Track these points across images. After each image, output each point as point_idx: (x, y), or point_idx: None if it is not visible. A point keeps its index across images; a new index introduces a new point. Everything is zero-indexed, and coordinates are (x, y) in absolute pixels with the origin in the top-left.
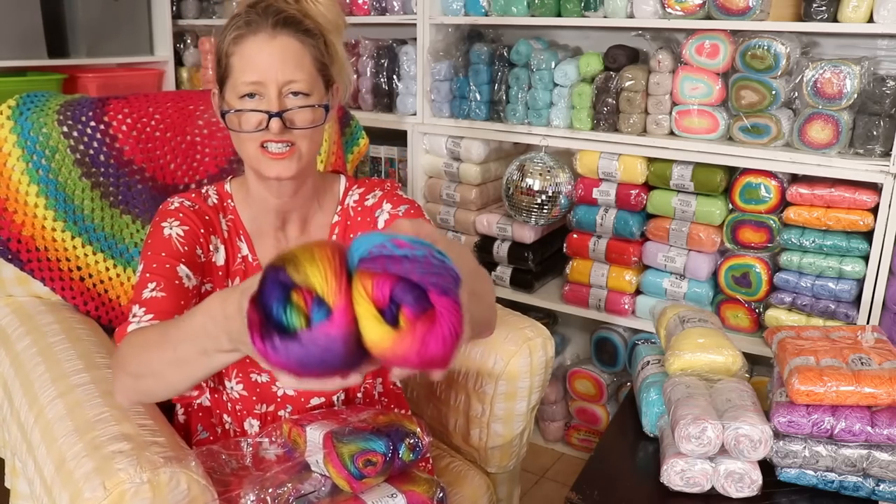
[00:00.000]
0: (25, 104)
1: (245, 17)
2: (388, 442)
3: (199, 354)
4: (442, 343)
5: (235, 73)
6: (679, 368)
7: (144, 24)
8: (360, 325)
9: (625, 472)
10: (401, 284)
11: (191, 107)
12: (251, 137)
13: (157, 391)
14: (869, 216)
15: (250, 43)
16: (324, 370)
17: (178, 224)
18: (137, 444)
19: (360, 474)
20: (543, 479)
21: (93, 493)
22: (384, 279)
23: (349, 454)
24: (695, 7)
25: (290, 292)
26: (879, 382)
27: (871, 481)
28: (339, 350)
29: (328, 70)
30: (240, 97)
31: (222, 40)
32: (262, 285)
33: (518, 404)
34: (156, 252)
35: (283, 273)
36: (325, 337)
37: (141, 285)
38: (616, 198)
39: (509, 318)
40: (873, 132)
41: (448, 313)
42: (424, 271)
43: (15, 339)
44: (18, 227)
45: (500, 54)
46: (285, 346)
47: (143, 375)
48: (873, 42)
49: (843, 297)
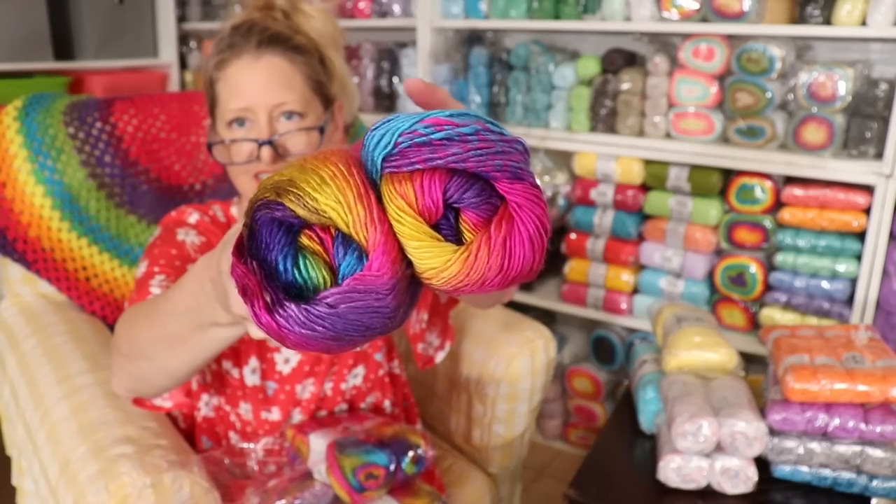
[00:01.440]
0: (32, 105)
1: (228, 40)
2: (390, 455)
3: (193, 330)
4: (530, 246)
5: (221, 100)
6: (676, 367)
7: (149, 27)
8: (409, 251)
9: (622, 468)
10: (455, 180)
11: (196, 108)
12: (244, 170)
13: (152, 377)
14: (862, 217)
15: (234, 67)
16: (366, 336)
17: (196, 234)
18: (141, 447)
19: (361, 487)
20: (542, 475)
21: (96, 497)
22: (430, 179)
23: (351, 467)
24: (691, 11)
25: (297, 235)
26: (872, 380)
27: (864, 477)
28: (387, 306)
29: (325, 88)
30: (228, 125)
31: (207, 67)
32: (251, 231)
33: (519, 405)
34: (165, 249)
35: (280, 210)
36: (363, 290)
37: (147, 276)
38: (614, 199)
39: (511, 319)
40: (866, 134)
41: (528, 203)
42: (482, 153)
43: (21, 339)
44: (25, 228)
45: (499, 57)
46: (307, 315)
47: (135, 357)
48: (867, 45)
49: (836, 296)
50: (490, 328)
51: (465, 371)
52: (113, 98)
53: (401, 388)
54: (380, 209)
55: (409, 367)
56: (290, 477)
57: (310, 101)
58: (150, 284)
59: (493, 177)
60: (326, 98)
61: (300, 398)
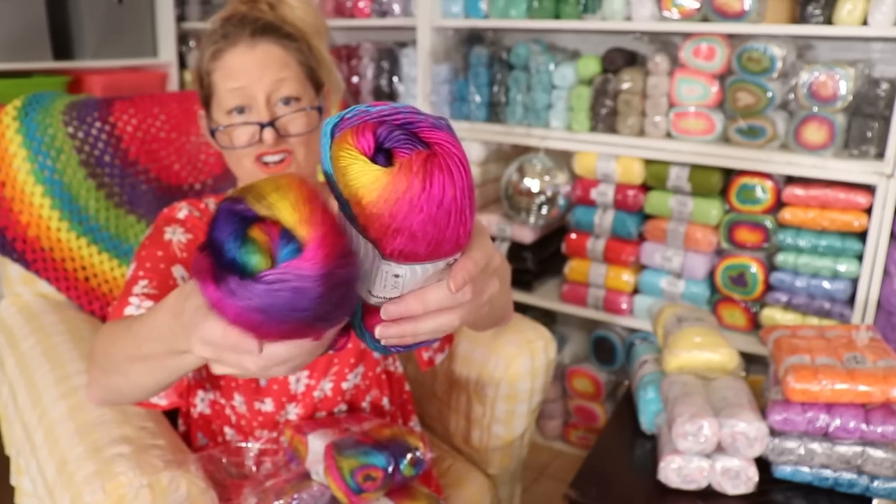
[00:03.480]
0: (31, 105)
1: (221, 31)
2: (388, 456)
3: (166, 354)
4: (451, 179)
5: (219, 88)
6: (676, 367)
7: (148, 26)
8: (345, 173)
9: (622, 469)
10: (384, 127)
11: (195, 107)
12: (246, 153)
13: (127, 391)
14: (863, 217)
15: (230, 55)
16: (294, 321)
17: (183, 231)
18: (138, 447)
19: (358, 489)
20: (542, 476)
21: (93, 497)
22: (364, 128)
23: (349, 468)
24: (692, 10)
25: (247, 226)
26: (873, 381)
27: (865, 478)
28: (314, 292)
29: (316, 73)
30: (227, 112)
31: (201, 59)
32: (213, 217)
33: (519, 406)
34: (151, 251)
35: (240, 205)
36: (295, 275)
37: (132, 281)
38: (614, 198)
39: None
40: (867, 134)
41: (450, 146)
42: (407, 112)
43: (20, 338)
44: (24, 227)
45: (499, 57)
46: (244, 289)
47: (111, 371)
48: (868, 45)
49: (837, 296)
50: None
51: (465, 372)
52: (112, 98)
53: (397, 385)
54: (326, 214)
55: (408, 368)
56: (287, 477)
57: (304, 85)
58: (132, 292)
59: (417, 127)
60: (317, 83)
61: (294, 392)
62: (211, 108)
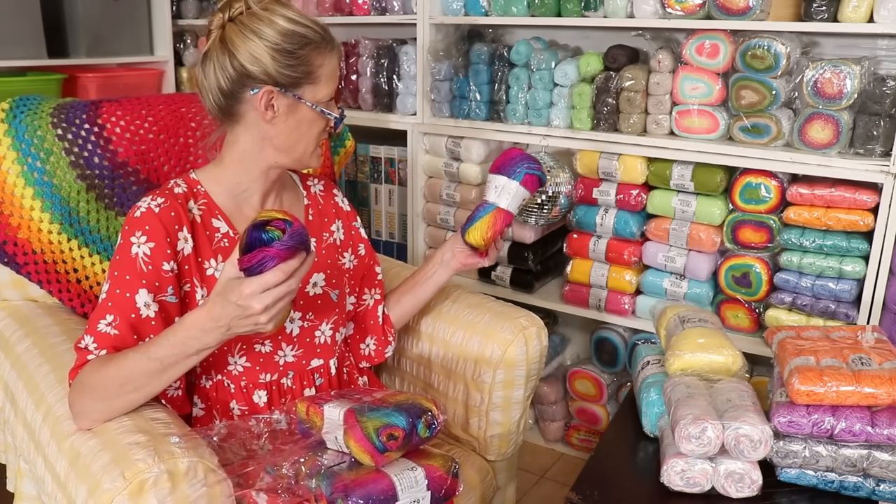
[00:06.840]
0: (18, 107)
1: (316, 31)
2: (408, 417)
3: (188, 357)
4: None
5: (323, 80)
6: (679, 368)
7: (144, 24)
8: None
9: (625, 472)
10: None
11: (182, 109)
12: (323, 135)
13: (138, 401)
14: (869, 216)
15: (331, 59)
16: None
17: (146, 240)
18: (153, 436)
19: (383, 448)
20: (543, 479)
21: (112, 484)
22: None
23: (374, 428)
24: (695, 7)
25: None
26: (879, 382)
27: (871, 481)
28: (302, 235)
29: None
30: (327, 103)
31: (300, 43)
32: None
33: (515, 392)
34: (121, 274)
35: (258, 223)
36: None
37: (99, 314)
38: (616, 198)
39: (504, 309)
40: (873, 132)
41: None
42: None
43: (14, 342)
44: (14, 231)
45: (500, 54)
46: (280, 243)
47: (124, 394)
48: (873, 42)
49: (843, 297)
50: (484, 317)
51: (462, 360)
52: (100, 100)
53: None
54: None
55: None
56: (304, 446)
57: None
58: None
59: None
60: None
61: (290, 332)
62: (301, 88)
